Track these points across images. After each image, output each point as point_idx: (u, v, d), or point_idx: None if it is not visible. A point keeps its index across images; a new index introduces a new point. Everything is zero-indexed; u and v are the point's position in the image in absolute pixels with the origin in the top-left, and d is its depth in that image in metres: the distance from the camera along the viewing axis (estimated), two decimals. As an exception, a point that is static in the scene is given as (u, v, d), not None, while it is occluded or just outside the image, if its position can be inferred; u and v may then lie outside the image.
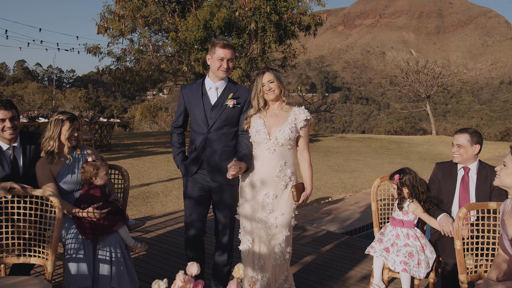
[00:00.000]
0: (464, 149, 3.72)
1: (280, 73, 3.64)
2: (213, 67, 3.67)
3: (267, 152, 3.49)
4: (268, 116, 3.59)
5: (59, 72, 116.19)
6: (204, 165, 3.69)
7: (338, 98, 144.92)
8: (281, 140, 3.45)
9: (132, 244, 3.61)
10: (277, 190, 3.50)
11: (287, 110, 3.58)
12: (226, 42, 3.66)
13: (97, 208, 3.48)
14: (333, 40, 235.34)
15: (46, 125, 4.57)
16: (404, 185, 3.65)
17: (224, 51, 3.61)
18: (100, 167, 3.66)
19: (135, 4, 18.48)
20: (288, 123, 3.49)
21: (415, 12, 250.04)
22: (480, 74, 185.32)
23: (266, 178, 3.49)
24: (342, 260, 4.96)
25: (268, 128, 3.52)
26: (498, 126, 53.65)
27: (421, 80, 34.40)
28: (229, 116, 3.67)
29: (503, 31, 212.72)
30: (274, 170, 3.47)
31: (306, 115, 3.53)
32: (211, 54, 3.69)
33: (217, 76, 3.70)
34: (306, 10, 19.54)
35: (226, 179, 3.55)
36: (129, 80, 19.88)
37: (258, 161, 3.55)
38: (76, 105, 47.20)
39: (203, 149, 3.68)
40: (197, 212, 3.75)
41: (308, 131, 3.62)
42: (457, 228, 3.03)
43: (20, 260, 3.24)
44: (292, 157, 3.55)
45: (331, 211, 7.61)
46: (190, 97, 3.76)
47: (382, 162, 14.92)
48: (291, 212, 3.54)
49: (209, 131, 3.66)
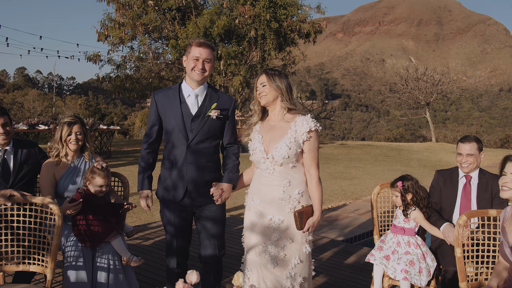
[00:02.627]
0: (475, 157, 3.72)
1: (283, 75, 3.11)
2: (188, 68, 3.24)
3: (266, 172, 3.04)
4: (266, 129, 3.12)
5: (59, 79, 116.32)
6: (189, 185, 3.23)
7: (337, 105, 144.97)
8: (278, 160, 2.97)
9: (127, 257, 3.48)
10: (284, 214, 3.00)
11: (289, 121, 3.04)
12: (203, 41, 3.26)
13: (70, 202, 3.38)
14: (332, 48, 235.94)
15: (46, 132, 4.63)
16: (407, 191, 3.64)
17: (200, 49, 3.20)
18: (96, 175, 3.52)
19: (135, 12, 18.58)
20: (287, 137, 2.97)
21: (414, 19, 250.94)
22: (480, 81, 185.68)
23: (270, 201, 3.02)
24: (342, 268, 4.94)
25: (266, 144, 3.05)
26: (497, 133, 53.67)
27: (420, 87, 34.47)
28: (211, 128, 3.25)
29: (502, 38, 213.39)
30: (277, 192, 2.99)
31: (310, 125, 2.97)
32: (186, 54, 3.29)
33: (193, 79, 3.24)
34: (305, 17, 19.66)
35: (210, 198, 3.21)
36: (129, 88, 19.92)
37: (259, 183, 3.10)
38: (76, 112, 47.16)
39: (183, 165, 3.22)
40: (181, 240, 3.36)
41: (315, 144, 3.03)
42: (457, 236, 3.02)
43: (20, 268, 3.23)
44: (299, 174, 3.03)
45: (331, 218, 7.60)
46: (165, 105, 3.28)
47: (382, 169, 14.91)
48: (302, 238, 3.01)
49: (189, 145, 3.20)
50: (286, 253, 2.98)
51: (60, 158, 3.69)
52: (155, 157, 3.44)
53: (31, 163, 3.78)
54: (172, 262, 3.38)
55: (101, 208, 3.53)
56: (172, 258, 3.38)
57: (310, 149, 3.01)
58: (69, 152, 3.74)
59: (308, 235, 3.04)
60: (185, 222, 3.35)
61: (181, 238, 3.36)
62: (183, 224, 3.35)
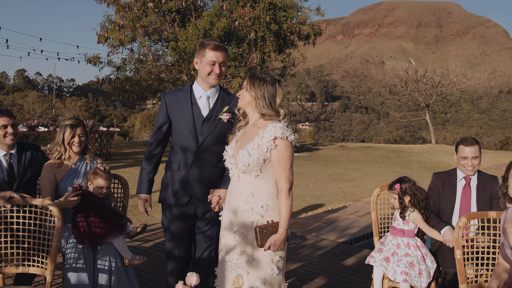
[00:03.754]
0: (479, 159, 3.74)
1: (269, 81, 2.76)
2: (203, 72, 3.12)
3: (233, 180, 2.83)
4: (242, 134, 2.89)
5: (59, 81, 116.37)
6: (195, 190, 3.13)
7: (337, 107, 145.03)
8: (241, 167, 2.71)
9: (129, 257, 3.48)
10: (247, 227, 2.73)
11: (260, 127, 2.76)
12: (218, 43, 3.12)
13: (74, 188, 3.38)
14: (332, 49, 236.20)
15: (46, 134, 4.65)
16: (405, 193, 3.64)
17: (216, 53, 3.08)
18: (98, 176, 3.53)
19: (135, 14, 18.57)
20: (252, 143, 2.71)
21: (413, 21, 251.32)
22: (479, 83, 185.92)
23: (234, 212, 2.79)
24: (341, 270, 4.94)
25: (236, 150, 2.82)
26: (497, 135, 53.68)
27: (420, 89, 34.48)
28: (221, 132, 3.14)
29: (501, 40, 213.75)
30: (239, 203, 2.75)
31: (276, 133, 2.64)
32: (199, 57, 3.14)
33: (208, 83, 3.15)
34: (305, 19, 19.66)
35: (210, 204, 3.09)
36: (129, 90, 19.93)
37: (229, 191, 2.89)
38: (76, 114, 47.17)
39: (190, 169, 3.13)
40: (183, 246, 3.27)
41: (284, 154, 2.69)
42: (457, 238, 3.02)
43: (19, 270, 3.23)
44: (267, 186, 2.72)
45: (330, 220, 7.60)
46: (175, 106, 3.19)
47: (382, 171, 14.91)
48: (267, 258, 2.69)
49: (198, 148, 3.11)
50: (249, 271, 2.72)
51: (62, 161, 3.70)
52: (159, 160, 3.34)
53: (35, 167, 3.79)
54: (172, 267, 3.32)
55: (101, 208, 3.52)
56: (172, 264, 3.32)
57: (279, 159, 2.68)
58: (72, 154, 3.75)
59: (275, 255, 2.70)
60: (188, 227, 3.28)
61: (183, 244, 3.28)
62: (186, 230, 3.27)
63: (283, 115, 2.77)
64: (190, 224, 3.28)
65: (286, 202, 2.66)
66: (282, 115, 2.78)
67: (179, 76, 20.24)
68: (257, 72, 2.93)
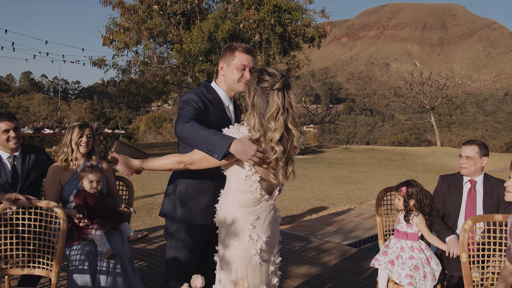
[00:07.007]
0: (473, 161, 3.64)
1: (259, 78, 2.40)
2: (230, 79, 2.76)
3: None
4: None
5: (65, 83, 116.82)
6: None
7: (342, 110, 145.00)
8: None
9: (105, 250, 3.35)
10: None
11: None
12: (249, 46, 2.79)
13: (78, 218, 3.35)
14: (337, 52, 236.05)
15: (51, 136, 4.65)
16: (410, 197, 3.62)
17: (247, 57, 2.73)
18: (85, 171, 3.56)
19: (140, 16, 18.64)
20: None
21: (418, 24, 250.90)
22: (485, 85, 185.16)
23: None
24: (346, 272, 4.93)
25: None
26: (503, 137, 53.41)
27: (425, 91, 34.43)
28: None
29: (507, 42, 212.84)
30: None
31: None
32: (227, 61, 2.77)
33: (234, 90, 2.82)
34: (310, 22, 19.67)
35: None
36: (134, 92, 19.99)
37: None
38: (81, 116, 47.36)
39: (219, 184, 2.72)
40: (193, 263, 2.90)
41: None
42: (462, 241, 3.00)
43: (25, 271, 3.24)
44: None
45: (335, 222, 7.58)
46: (207, 109, 2.77)
47: (387, 173, 14.87)
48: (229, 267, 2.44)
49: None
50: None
51: (69, 162, 3.71)
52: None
53: (38, 170, 3.79)
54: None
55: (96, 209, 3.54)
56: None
57: None
58: (79, 156, 3.75)
59: (234, 274, 2.41)
60: (202, 248, 2.93)
61: (196, 267, 2.93)
62: (200, 253, 2.93)
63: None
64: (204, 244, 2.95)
65: (166, 160, 2.47)
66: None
67: (184, 79, 20.26)
68: (261, 69, 2.67)
